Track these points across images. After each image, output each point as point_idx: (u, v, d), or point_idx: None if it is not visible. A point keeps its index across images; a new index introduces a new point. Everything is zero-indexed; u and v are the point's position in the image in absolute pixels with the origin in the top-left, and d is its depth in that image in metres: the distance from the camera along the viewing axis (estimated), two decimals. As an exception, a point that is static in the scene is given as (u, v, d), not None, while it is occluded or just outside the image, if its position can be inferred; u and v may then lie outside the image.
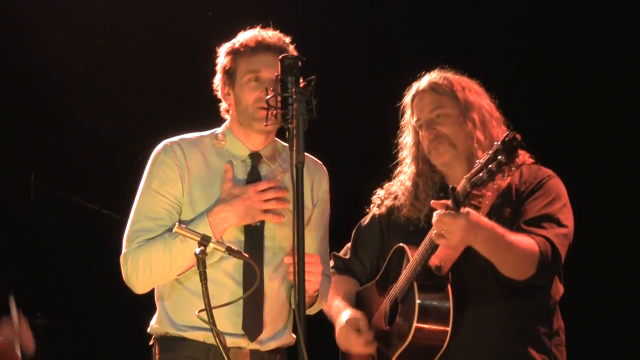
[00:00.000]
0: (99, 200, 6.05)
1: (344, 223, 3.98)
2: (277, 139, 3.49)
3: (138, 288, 3.35)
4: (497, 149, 3.30)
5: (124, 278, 3.34)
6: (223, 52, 3.46)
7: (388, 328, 3.70)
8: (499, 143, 3.31)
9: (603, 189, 5.48)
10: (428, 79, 3.81)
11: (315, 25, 5.75)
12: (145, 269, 3.28)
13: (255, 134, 3.41)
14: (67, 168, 6.18)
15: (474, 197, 3.44)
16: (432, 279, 3.55)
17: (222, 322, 3.13)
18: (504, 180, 3.56)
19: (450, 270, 3.56)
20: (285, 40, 3.41)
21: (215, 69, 3.48)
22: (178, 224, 3.03)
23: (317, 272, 3.24)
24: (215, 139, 3.44)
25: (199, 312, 2.90)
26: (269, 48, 3.37)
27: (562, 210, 3.62)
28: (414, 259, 3.57)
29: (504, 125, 3.78)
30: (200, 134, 3.47)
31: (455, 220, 3.34)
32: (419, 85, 3.82)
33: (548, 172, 3.74)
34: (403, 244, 3.70)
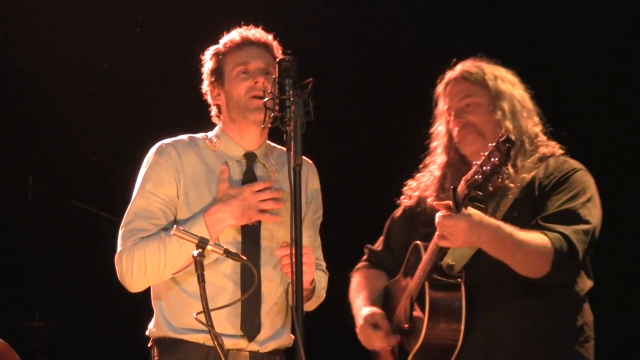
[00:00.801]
0: (97, 203, 6.05)
1: (339, 221, 3.96)
2: (267, 142, 3.51)
3: (132, 286, 3.34)
4: (491, 151, 3.26)
5: (119, 276, 3.34)
6: (208, 56, 3.49)
7: (407, 326, 3.67)
8: (493, 144, 3.26)
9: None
10: (460, 68, 3.76)
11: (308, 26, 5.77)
12: (140, 267, 3.28)
13: (251, 128, 3.41)
14: (65, 171, 6.18)
15: (478, 197, 3.40)
16: (444, 278, 3.51)
17: (220, 323, 3.15)
18: (522, 175, 3.51)
19: (466, 269, 3.51)
20: (269, 37, 3.45)
21: (202, 77, 3.51)
22: (176, 227, 3.03)
23: (310, 262, 3.24)
24: (210, 142, 3.45)
25: (197, 314, 2.91)
26: (254, 42, 3.42)
27: (585, 205, 3.51)
28: (425, 258, 3.54)
29: (537, 117, 3.71)
30: (195, 136, 3.48)
31: (456, 222, 3.32)
32: (452, 74, 3.77)
33: (575, 164, 3.63)
34: (419, 242, 3.67)
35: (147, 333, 3.44)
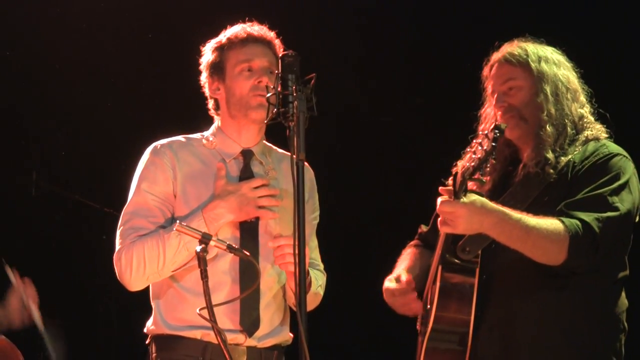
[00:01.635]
0: (100, 199, 6.05)
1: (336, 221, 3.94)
2: (264, 142, 3.51)
3: (132, 284, 3.35)
4: (482, 139, 3.23)
5: (118, 275, 3.35)
6: (209, 48, 3.48)
7: (428, 307, 3.58)
8: (484, 133, 3.24)
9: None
10: (505, 49, 3.67)
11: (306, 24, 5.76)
12: (139, 265, 3.28)
13: (250, 125, 3.41)
14: (68, 167, 6.18)
15: (480, 182, 3.32)
16: (457, 263, 3.45)
17: (219, 318, 3.14)
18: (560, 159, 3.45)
19: (486, 255, 3.44)
20: (271, 34, 3.45)
21: (200, 69, 3.50)
22: (178, 223, 3.04)
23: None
24: (207, 140, 3.45)
25: (200, 310, 2.91)
26: (258, 39, 3.42)
27: (616, 191, 3.40)
28: (440, 242, 3.50)
29: (584, 97, 3.60)
30: (190, 136, 3.48)
31: (455, 209, 3.27)
32: (496, 55, 3.69)
33: (613, 149, 3.52)
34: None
35: (145, 330, 3.44)
